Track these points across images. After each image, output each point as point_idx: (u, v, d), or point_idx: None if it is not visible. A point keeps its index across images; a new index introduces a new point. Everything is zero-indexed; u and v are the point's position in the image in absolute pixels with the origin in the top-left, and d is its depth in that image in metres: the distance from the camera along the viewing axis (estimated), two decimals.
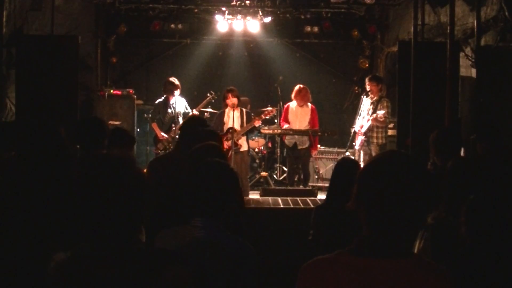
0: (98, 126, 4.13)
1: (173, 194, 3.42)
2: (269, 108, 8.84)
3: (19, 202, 2.83)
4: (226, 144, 7.79)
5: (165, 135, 8.54)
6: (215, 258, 2.41)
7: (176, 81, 8.65)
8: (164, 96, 8.62)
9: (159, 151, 8.49)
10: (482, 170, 3.02)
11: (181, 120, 8.40)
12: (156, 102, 8.80)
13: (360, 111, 8.40)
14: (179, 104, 8.66)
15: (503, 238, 2.33)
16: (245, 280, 2.44)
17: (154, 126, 8.72)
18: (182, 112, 8.61)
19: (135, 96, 10.14)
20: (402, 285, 1.62)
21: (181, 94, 8.81)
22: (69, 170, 3.04)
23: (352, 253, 1.67)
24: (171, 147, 8.25)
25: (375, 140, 8.15)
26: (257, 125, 8.36)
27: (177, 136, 7.78)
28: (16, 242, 2.73)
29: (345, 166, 3.95)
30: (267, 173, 9.52)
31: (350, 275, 1.62)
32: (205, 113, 9.14)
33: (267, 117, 8.64)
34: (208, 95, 9.09)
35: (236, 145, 8.07)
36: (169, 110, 8.57)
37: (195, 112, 8.68)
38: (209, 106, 9.23)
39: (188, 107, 8.77)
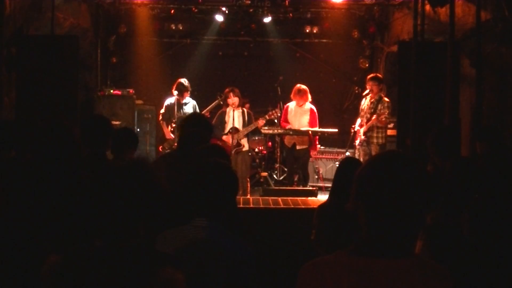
0: (103, 125, 4.12)
1: (175, 193, 3.43)
2: (275, 110, 8.84)
3: (15, 203, 2.83)
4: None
5: (173, 135, 8.56)
6: (215, 258, 2.42)
7: (186, 83, 8.69)
8: (175, 96, 8.62)
9: (166, 150, 8.51)
10: (481, 170, 3.02)
11: None
12: (166, 101, 8.81)
13: (360, 111, 8.42)
14: (189, 105, 8.70)
15: (505, 238, 2.33)
16: (244, 281, 2.44)
17: (163, 125, 8.77)
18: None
19: (135, 96, 10.14)
20: (402, 285, 1.62)
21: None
22: (70, 171, 3.04)
23: (352, 254, 1.67)
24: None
25: (375, 140, 8.15)
26: (260, 125, 8.38)
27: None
28: (11, 243, 2.73)
29: (348, 166, 3.94)
30: (267, 173, 9.52)
31: (350, 276, 1.63)
32: (206, 113, 9.15)
33: (272, 118, 8.65)
34: (218, 97, 9.09)
35: (239, 145, 8.08)
36: (178, 111, 8.58)
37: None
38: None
39: (197, 109, 8.78)
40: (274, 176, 9.63)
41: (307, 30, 11.21)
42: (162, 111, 8.87)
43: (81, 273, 1.77)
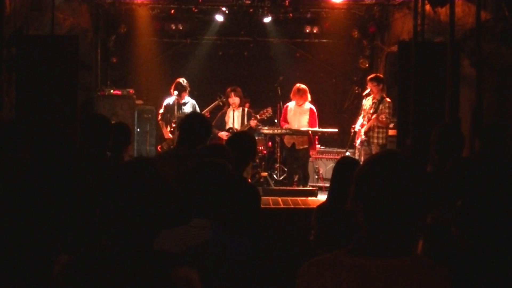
0: (103, 124, 4.12)
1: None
2: (267, 109, 8.83)
3: (24, 203, 2.82)
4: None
5: (172, 136, 8.56)
6: (215, 258, 2.41)
7: (185, 82, 8.68)
8: (174, 96, 8.62)
9: (164, 150, 8.52)
10: (480, 170, 3.02)
11: None
12: (165, 101, 8.81)
13: (361, 111, 8.41)
14: (188, 105, 8.70)
15: (498, 239, 2.33)
16: (245, 280, 2.44)
17: (162, 125, 8.78)
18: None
19: (135, 96, 10.14)
20: (401, 284, 1.62)
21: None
22: (76, 170, 3.03)
23: (351, 253, 1.67)
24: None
25: (375, 140, 8.14)
26: (253, 125, 8.36)
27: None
28: (21, 243, 2.72)
29: (345, 165, 3.93)
30: (267, 173, 9.52)
31: (349, 275, 1.62)
32: (206, 113, 9.15)
33: (264, 117, 8.64)
34: (218, 98, 9.09)
35: None
36: (178, 111, 8.58)
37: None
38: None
39: (198, 109, 8.78)
40: (274, 176, 9.63)
41: (307, 30, 11.22)
42: (161, 111, 8.87)
43: (94, 274, 1.76)
